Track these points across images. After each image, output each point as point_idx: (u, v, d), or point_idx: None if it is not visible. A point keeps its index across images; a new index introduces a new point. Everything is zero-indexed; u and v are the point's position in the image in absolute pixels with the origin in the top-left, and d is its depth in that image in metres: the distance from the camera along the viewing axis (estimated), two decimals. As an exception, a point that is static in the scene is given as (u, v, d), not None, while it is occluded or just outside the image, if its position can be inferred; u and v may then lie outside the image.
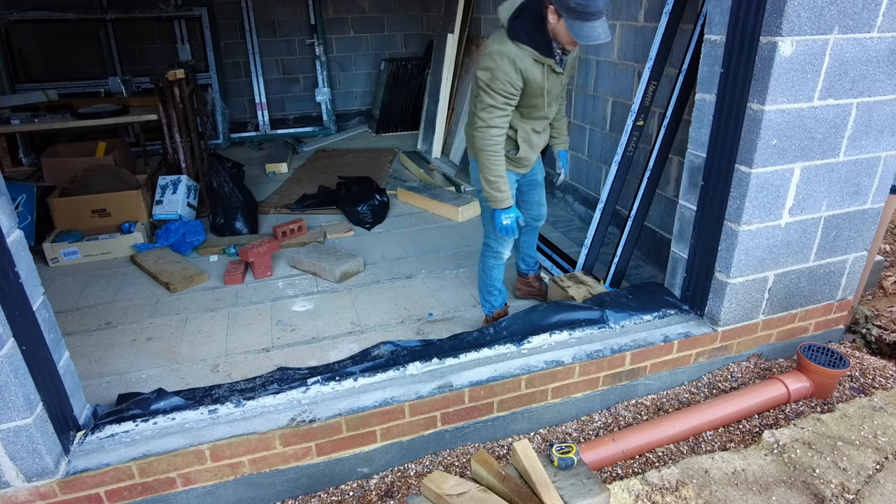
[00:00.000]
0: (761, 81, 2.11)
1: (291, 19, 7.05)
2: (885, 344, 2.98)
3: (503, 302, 2.98)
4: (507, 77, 2.14)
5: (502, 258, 2.82)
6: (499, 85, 2.14)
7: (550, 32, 2.15)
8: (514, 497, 1.65)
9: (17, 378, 1.72)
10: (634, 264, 3.63)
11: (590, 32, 2.04)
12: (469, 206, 4.49)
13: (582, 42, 2.08)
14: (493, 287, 2.91)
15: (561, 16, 2.06)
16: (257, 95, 7.17)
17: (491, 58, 2.15)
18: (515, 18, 2.14)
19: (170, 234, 4.01)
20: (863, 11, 2.08)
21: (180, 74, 4.36)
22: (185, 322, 3.18)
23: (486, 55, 2.18)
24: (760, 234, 2.38)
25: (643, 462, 2.23)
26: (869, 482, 1.99)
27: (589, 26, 2.03)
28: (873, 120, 2.32)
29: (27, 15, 5.76)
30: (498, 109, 2.21)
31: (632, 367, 2.49)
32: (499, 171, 2.33)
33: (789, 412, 2.42)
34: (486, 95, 2.18)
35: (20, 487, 1.85)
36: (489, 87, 2.17)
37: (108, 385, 2.68)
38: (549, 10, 2.10)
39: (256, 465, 2.09)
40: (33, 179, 4.58)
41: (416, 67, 7.01)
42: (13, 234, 1.78)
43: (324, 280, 3.60)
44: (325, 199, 4.76)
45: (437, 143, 6.07)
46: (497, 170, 2.32)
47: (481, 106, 2.23)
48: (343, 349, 2.89)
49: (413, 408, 2.21)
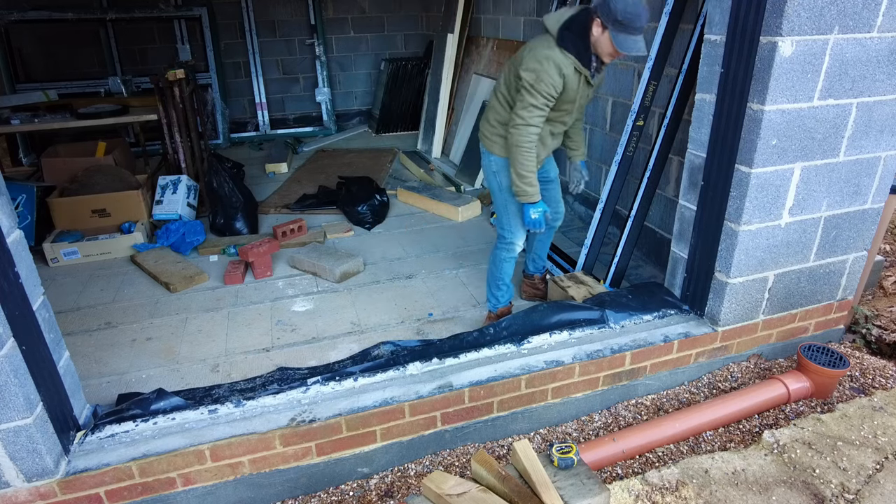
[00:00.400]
0: (761, 81, 2.11)
1: (291, 19, 7.05)
2: (885, 344, 2.98)
3: (508, 299, 3.00)
4: (551, 80, 2.29)
5: (515, 251, 2.85)
6: (542, 87, 2.29)
7: (592, 45, 2.32)
8: (514, 497, 1.65)
9: (17, 378, 1.72)
10: (634, 264, 3.63)
11: (632, 44, 2.24)
12: (469, 206, 4.49)
13: (624, 51, 2.26)
14: (502, 282, 2.93)
15: (606, 28, 2.25)
16: (257, 95, 7.17)
17: (538, 61, 2.29)
18: (565, 29, 2.30)
19: (170, 234, 4.01)
20: (863, 11, 2.08)
21: (180, 74, 4.36)
22: (185, 322, 3.19)
23: (533, 58, 2.30)
24: (760, 234, 2.38)
25: (643, 462, 2.23)
26: (869, 482, 1.99)
27: (632, 39, 2.24)
28: (873, 120, 2.32)
29: (27, 15, 5.76)
30: (538, 109, 2.36)
31: (632, 367, 2.49)
32: (531, 167, 2.48)
33: (789, 412, 2.42)
34: (529, 95, 2.32)
35: (20, 487, 1.85)
36: (533, 87, 2.31)
37: (108, 385, 2.68)
38: (595, 22, 2.27)
39: (256, 465, 2.09)
40: (33, 179, 4.58)
41: (416, 67, 7.01)
42: (13, 234, 1.78)
43: (324, 280, 3.60)
44: (325, 199, 4.77)
45: (437, 143, 6.07)
46: (529, 165, 2.47)
47: (522, 105, 2.36)
48: (343, 349, 2.89)
49: (413, 408, 2.21)
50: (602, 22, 2.25)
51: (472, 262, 3.77)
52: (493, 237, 4.07)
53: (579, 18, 2.32)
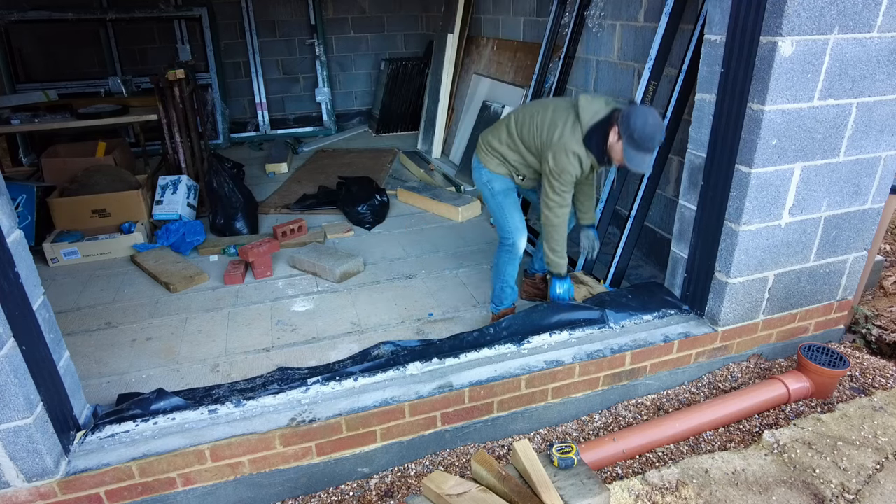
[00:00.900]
0: (761, 81, 2.11)
1: (291, 19, 7.05)
2: (885, 344, 2.98)
3: (512, 301, 3.00)
4: (575, 171, 2.52)
5: (518, 251, 2.87)
6: (567, 177, 2.53)
7: (608, 147, 2.46)
8: (514, 497, 1.65)
9: (18, 378, 1.72)
10: (634, 264, 3.63)
11: (640, 162, 2.38)
12: (469, 207, 4.49)
13: (630, 167, 2.41)
14: (507, 284, 2.95)
15: (621, 139, 2.37)
16: (257, 95, 7.17)
17: (567, 155, 2.48)
18: (592, 131, 2.46)
19: (170, 234, 4.01)
20: (863, 11, 2.08)
21: (180, 74, 4.36)
22: (185, 322, 3.19)
23: (562, 149, 2.48)
24: (760, 234, 2.38)
25: (643, 462, 2.23)
26: (869, 482, 1.99)
27: (641, 156, 2.37)
28: (873, 120, 2.32)
29: (27, 15, 5.76)
30: (566, 192, 2.58)
31: (632, 367, 2.49)
32: (563, 244, 2.71)
33: (789, 412, 2.42)
34: (557, 182, 2.54)
35: (20, 487, 1.85)
36: (559, 177, 2.53)
37: (108, 385, 2.68)
38: (613, 129, 2.40)
39: (256, 465, 2.09)
40: (33, 179, 4.58)
41: (416, 67, 7.01)
42: (13, 234, 1.78)
43: (324, 280, 3.60)
44: (325, 199, 4.76)
45: (437, 143, 6.07)
46: (562, 241, 2.69)
47: (552, 189, 2.57)
48: (343, 349, 2.89)
49: (413, 408, 2.21)
50: (620, 132, 2.37)
51: (472, 262, 3.77)
52: (492, 237, 4.07)
53: (605, 122, 2.45)
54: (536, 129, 2.60)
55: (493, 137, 2.78)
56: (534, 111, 2.65)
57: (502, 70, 5.22)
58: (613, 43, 3.73)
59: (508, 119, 2.75)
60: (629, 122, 2.31)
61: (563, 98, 2.73)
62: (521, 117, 2.69)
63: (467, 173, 5.21)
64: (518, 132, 2.68)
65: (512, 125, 2.71)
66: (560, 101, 2.63)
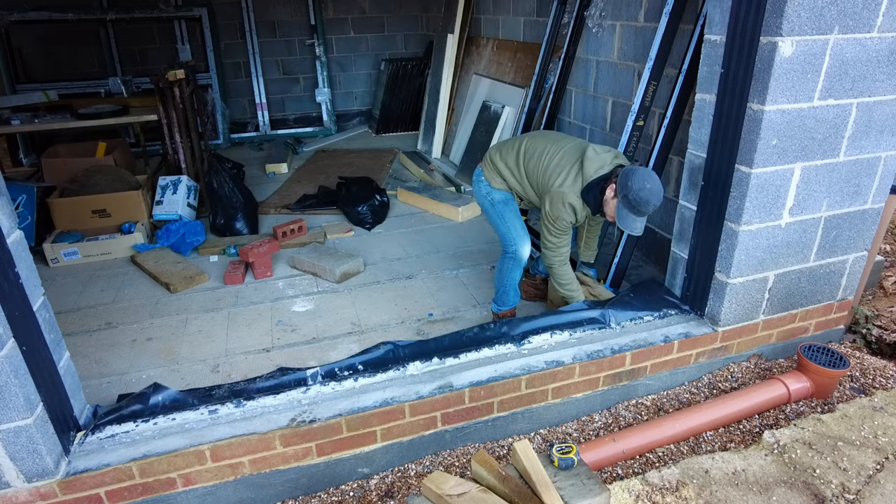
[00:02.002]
0: (761, 81, 2.11)
1: (291, 19, 7.05)
2: (886, 344, 2.98)
3: (514, 304, 3.01)
4: (570, 219, 2.60)
5: (522, 259, 2.87)
6: (562, 224, 2.60)
7: (603, 201, 2.51)
8: (514, 497, 1.65)
9: (18, 378, 1.72)
10: (634, 264, 3.63)
11: (631, 223, 2.42)
12: (469, 207, 4.49)
13: (620, 227, 2.45)
14: (510, 287, 2.95)
15: (617, 196, 2.41)
16: (257, 96, 7.17)
17: (562, 204, 2.54)
18: (591, 186, 2.51)
19: (170, 235, 4.01)
20: (863, 11, 2.08)
21: (180, 75, 4.36)
22: (186, 322, 3.19)
23: (560, 201, 2.54)
24: (760, 235, 2.38)
25: (643, 462, 2.23)
26: (869, 482, 1.99)
27: (632, 218, 2.41)
28: (873, 120, 2.32)
29: (27, 15, 5.76)
30: (562, 235, 2.65)
31: (632, 368, 2.49)
32: (570, 276, 2.78)
33: (789, 412, 2.42)
34: (553, 226, 2.61)
35: (20, 488, 1.85)
36: (555, 223, 2.60)
37: (108, 385, 2.68)
38: (611, 186, 2.44)
39: (257, 465, 2.09)
40: (33, 180, 4.58)
41: (416, 67, 7.02)
42: (13, 234, 1.78)
43: (324, 280, 3.60)
44: (325, 200, 4.77)
45: (437, 144, 6.07)
46: (569, 276, 2.77)
47: (549, 232, 2.65)
48: (343, 349, 2.89)
49: (413, 408, 2.21)
50: (616, 190, 2.40)
51: (472, 262, 3.77)
52: (493, 237, 4.07)
53: (603, 179, 2.48)
54: (541, 168, 2.63)
55: (500, 160, 2.79)
56: (545, 146, 2.68)
57: (502, 70, 5.22)
58: (613, 43, 3.73)
59: (520, 144, 2.76)
60: (627, 183, 2.34)
61: (576, 141, 2.70)
62: (531, 149, 2.71)
63: (467, 173, 5.21)
64: (525, 164, 2.71)
65: (521, 154, 2.73)
66: (572, 144, 2.65)
